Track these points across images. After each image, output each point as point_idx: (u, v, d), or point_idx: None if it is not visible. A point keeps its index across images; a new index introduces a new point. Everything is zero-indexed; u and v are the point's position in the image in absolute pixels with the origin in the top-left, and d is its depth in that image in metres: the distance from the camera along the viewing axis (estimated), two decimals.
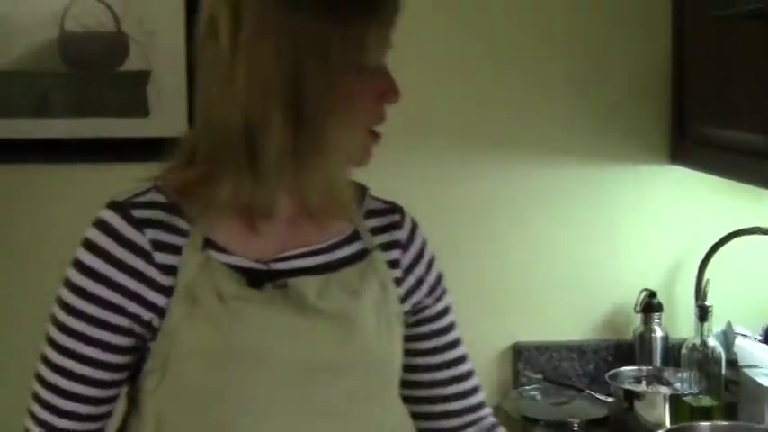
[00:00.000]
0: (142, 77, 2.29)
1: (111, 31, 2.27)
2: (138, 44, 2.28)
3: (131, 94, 2.29)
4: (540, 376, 2.30)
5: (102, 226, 1.15)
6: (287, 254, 1.21)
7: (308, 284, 1.19)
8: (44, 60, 2.27)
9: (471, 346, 1.43)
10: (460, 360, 1.38)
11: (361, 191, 1.32)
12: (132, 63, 2.29)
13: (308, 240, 1.23)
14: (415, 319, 1.34)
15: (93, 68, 2.29)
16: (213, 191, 1.16)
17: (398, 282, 1.30)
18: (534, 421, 2.16)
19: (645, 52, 2.32)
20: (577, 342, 2.37)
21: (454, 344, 1.38)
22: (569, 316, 2.38)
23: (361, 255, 1.27)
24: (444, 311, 1.37)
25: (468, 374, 1.39)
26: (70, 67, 2.28)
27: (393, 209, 1.34)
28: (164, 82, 2.29)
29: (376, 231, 1.30)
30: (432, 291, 1.35)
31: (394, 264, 1.30)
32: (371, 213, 1.31)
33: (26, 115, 2.28)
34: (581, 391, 2.26)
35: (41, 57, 2.27)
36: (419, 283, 1.33)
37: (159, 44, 2.28)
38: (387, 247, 1.29)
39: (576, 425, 2.11)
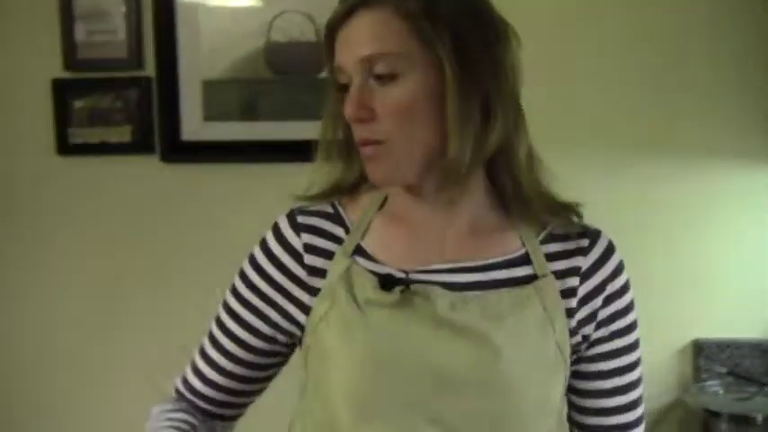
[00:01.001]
0: None
1: (311, 41, 2.43)
2: None
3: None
4: (723, 370, 2.32)
5: (273, 227, 1.26)
6: (431, 267, 1.20)
7: (439, 294, 1.17)
8: (252, 68, 2.45)
9: (652, 341, 1.48)
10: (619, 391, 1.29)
11: (564, 215, 1.25)
12: None
13: (464, 257, 1.22)
14: (590, 354, 1.25)
15: (296, 75, 2.45)
16: (373, 197, 1.26)
17: (571, 312, 1.21)
18: (716, 414, 2.17)
19: None
20: (759, 340, 2.37)
21: (616, 389, 1.28)
22: (751, 314, 2.38)
23: (525, 279, 1.21)
24: (614, 354, 1.26)
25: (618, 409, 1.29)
26: (275, 74, 2.45)
27: (584, 233, 1.25)
28: None
29: (554, 257, 1.23)
30: (599, 326, 1.24)
31: (569, 293, 1.22)
32: (554, 238, 1.24)
33: (236, 119, 2.47)
34: (764, 386, 2.26)
35: (250, 65, 2.45)
36: (592, 316, 1.23)
37: None
38: (563, 274, 1.22)
39: (759, 419, 2.13)
